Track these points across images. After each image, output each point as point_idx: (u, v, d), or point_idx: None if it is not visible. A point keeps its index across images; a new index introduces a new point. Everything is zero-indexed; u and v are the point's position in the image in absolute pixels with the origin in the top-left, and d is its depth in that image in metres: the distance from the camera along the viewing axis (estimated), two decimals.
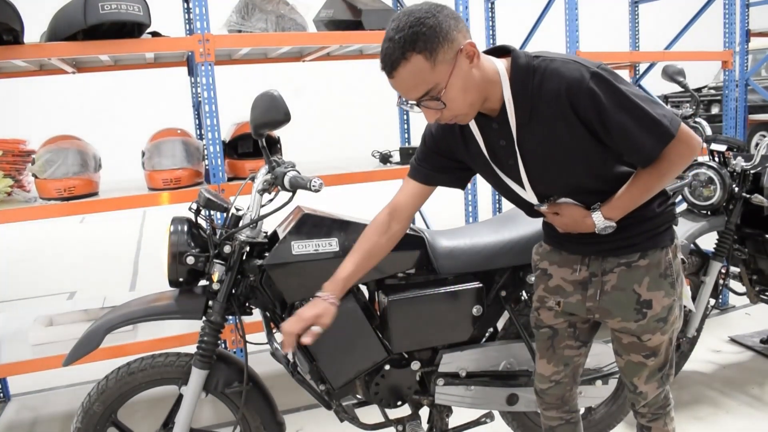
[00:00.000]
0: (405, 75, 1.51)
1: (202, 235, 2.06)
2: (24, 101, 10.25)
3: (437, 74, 1.50)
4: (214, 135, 2.97)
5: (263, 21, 3.19)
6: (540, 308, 1.95)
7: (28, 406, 3.45)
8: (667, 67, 3.12)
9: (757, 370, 3.38)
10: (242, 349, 2.11)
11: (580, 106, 1.54)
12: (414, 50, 1.47)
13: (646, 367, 1.82)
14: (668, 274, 1.75)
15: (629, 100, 1.53)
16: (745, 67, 4.72)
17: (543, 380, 2.01)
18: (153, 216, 8.84)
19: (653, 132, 1.55)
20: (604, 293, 1.78)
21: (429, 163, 1.86)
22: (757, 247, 3.17)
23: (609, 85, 1.53)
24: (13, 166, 2.97)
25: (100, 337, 2.01)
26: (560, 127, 1.58)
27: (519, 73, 1.59)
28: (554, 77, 1.55)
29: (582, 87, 1.52)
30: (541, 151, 1.64)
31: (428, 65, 1.49)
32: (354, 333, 2.12)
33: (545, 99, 1.57)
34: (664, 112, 1.57)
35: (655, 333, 1.77)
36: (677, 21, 5.32)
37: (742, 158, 3.03)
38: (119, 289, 5.65)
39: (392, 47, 1.49)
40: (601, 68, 1.54)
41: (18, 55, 2.69)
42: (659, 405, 1.90)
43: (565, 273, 1.86)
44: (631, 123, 1.54)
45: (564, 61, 1.57)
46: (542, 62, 1.58)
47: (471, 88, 1.55)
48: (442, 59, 1.49)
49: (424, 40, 1.47)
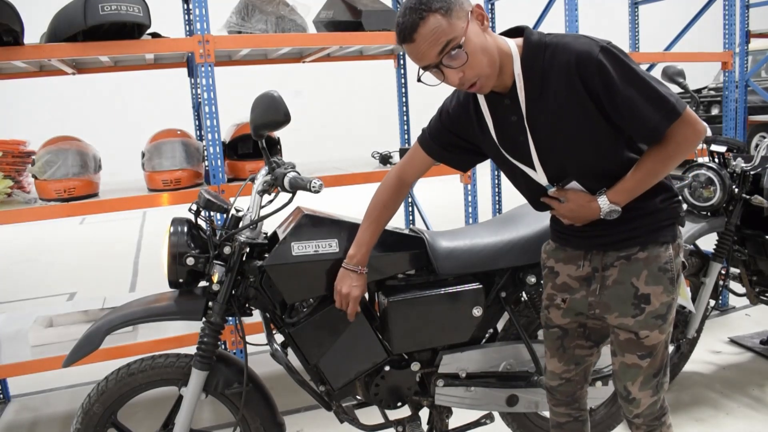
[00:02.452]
0: (424, 33, 1.56)
1: (202, 236, 2.06)
2: (24, 102, 10.27)
3: (454, 28, 1.57)
4: (214, 136, 2.97)
5: (263, 22, 3.19)
6: (549, 306, 1.96)
7: (28, 407, 3.45)
8: (667, 68, 3.12)
9: (757, 372, 3.38)
10: (242, 350, 2.11)
11: (588, 78, 1.58)
12: (430, 10, 1.55)
13: (640, 370, 1.80)
14: (668, 269, 1.74)
15: (637, 75, 1.58)
16: (745, 68, 4.73)
17: (554, 377, 2.01)
18: (153, 217, 8.86)
19: (660, 108, 1.58)
20: (604, 288, 1.79)
21: (441, 139, 1.93)
22: (757, 248, 3.17)
23: (618, 60, 1.57)
24: (13, 167, 2.98)
25: (100, 338, 2.00)
26: (570, 102, 1.62)
27: (531, 49, 1.65)
28: (565, 50, 1.61)
29: (591, 59, 1.57)
30: (551, 126, 1.67)
31: (445, 21, 1.56)
32: (354, 334, 2.12)
33: (555, 71, 1.62)
34: (671, 93, 1.60)
35: (653, 330, 1.76)
36: (677, 22, 5.33)
37: (742, 159, 3.03)
38: (119, 290, 5.65)
39: (409, 13, 1.57)
40: (612, 45, 1.59)
41: (18, 56, 2.69)
42: (654, 416, 1.86)
43: (570, 270, 1.87)
44: (638, 97, 1.57)
45: (575, 36, 1.64)
46: (554, 38, 1.65)
47: (487, 49, 1.61)
48: (456, 16, 1.57)
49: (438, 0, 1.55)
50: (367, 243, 2.00)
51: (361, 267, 1.99)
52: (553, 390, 2.04)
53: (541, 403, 2.34)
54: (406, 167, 2.02)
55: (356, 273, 1.99)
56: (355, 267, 1.99)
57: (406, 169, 2.02)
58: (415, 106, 4.29)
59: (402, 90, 4.29)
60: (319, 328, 2.10)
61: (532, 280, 2.29)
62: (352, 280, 1.98)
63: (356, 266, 1.99)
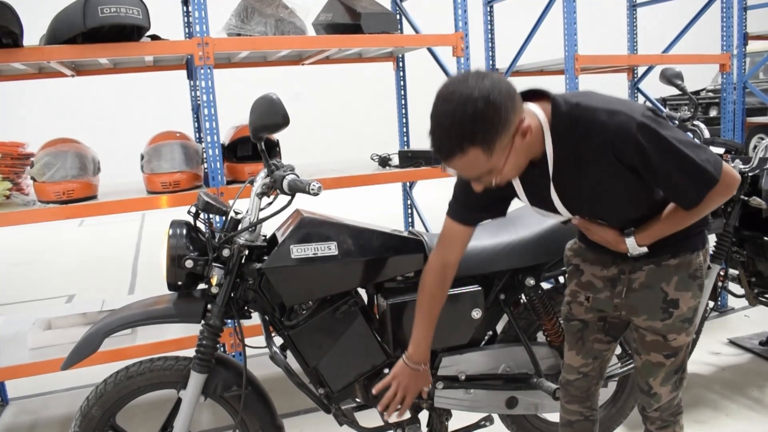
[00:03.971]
0: (460, 164, 1.51)
1: (201, 238, 2.06)
2: (23, 104, 10.26)
3: (494, 161, 1.50)
4: (213, 138, 2.97)
5: (262, 24, 3.19)
6: (571, 302, 1.97)
7: (26, 410, 3.44)
8: (666, 70, 3.13)
9: (756, 373, 3.38)
10: (241, 352, 2.10)
11: (626, 156, 1.56)
12: (472, 144, 1.45)
13: (663, 368, 1.83)
14: (698, 276, 1.77)
15: (675, 148, 1.54)
16: (743, 70, 4.74)
17: (571, 371, 2.02)
18: (152, 219, 8.84)
19: (698, 179, 1.57)
20: (631, 290, 1.80)
21: (470, 204, 1.85)
22: (755, 250, 3.17)
23: (655, 135, 1.53)
24: (11, 169, 2.97)
25: (98, 340, 2.00)
26: (605, 174, 1.61)
27: (561, 124, 1.59)
28: (602, 131, 1.55)
29: (630, 140, 1.53)
30: (581, 193, 1.68)
31: (485, 156, 1.48)
32: (353, 336, 2.12)
33: (591, 149, 1.58)
34: (708, 157, 1.58)
35: (680, 333, 1.78)
36: (675, 24, 5.33)
37: (740, 161, 3.03)
38: (118, 292, 5.64)
39: (447, 137, 1.46)
40: (647, 116, 1.54)
41: (17, 58, 2.69)
42: (671, 411, 1.89)
43: (596, 269, 1.88)
44: (676, 171, 1.56)
45: (609, 111, 1.55)
46: (585, 112, 1.57)
47: (521, 157, 1.57)
48: (499, 147, 1.48)
49: (483, 133, 1.44)
50: (425, 339, 1.98)
51: (423, 365, 2.00)
52: (569, 385, 2.04)
53: (541, 405, 2.34)
54: (445, 248, 1.94)
55: (418, 371, 1.99)
56: (416, 366, 1.99)
57: (446, 249, 1.94)
58: (414, 108, 4.28)
59: (401, 92, 4.29)
60: (318, 330, 2.10)
61: (531, 282, 2.29)
62: (417, 378, 2.00)
63: (417, 365, 1.99)
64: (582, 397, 2.05)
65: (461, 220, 1.88)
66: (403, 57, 4.25)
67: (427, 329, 1.98)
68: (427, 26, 3.92)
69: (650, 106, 1.65)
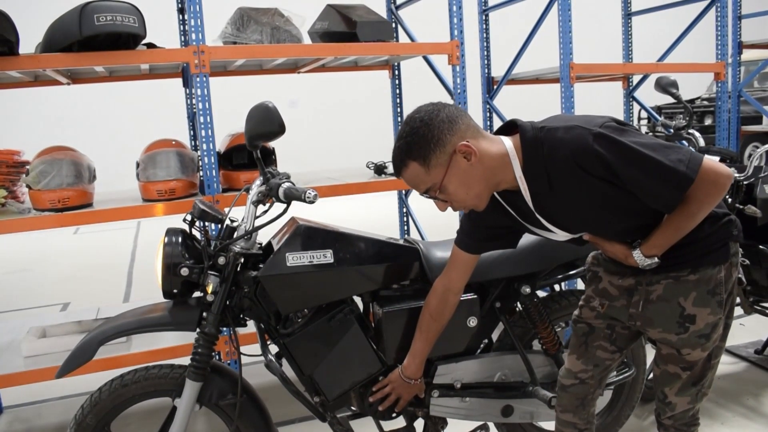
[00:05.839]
0: (407, 177, 1.71)
1: (196, 246, 2.06)
2: (18, 112, 10.24)
3: (432, 176, 1.67)
4: (209, 146, 2.97)
5: (258, 33, 3.20)
6: (584, 306, 1.98)
7: (20, 418, 3.42)
8: (660, 79, 3.14)
9: (751, 381, 3.38)
10: (236, 360, 2.09)
11: (590, 167, 1.57)
12: (410, 158, 1.67)
13: (679, 379, 1.82)
14: (717, 292, 1.73)
15: (636, 153, 1.54)
16: (738, 78, 4.76)
17: (569, 376, 2.01)
18: (147, 227, 8.82)
19: (669, 181, 1.55)
20: (648, 302, 1.79)
21: (477, 234, 1.95)
22: (750, 258, 3.18)
23: (613, 142, 1.55)
24: (6, 177, 2.97)
25: (93, 348, 1.99)
26: (582, 189, 1.62)
27: (528, 147, 1.66)
28: (560, 146, 1.60)
29: (587, 151, 1.55)
30: (566, 212, 1.72)
31: (423, 170, 1.67)
32: (349, 345, 2.12)
33: (558, 167, 1.61)
34: (681, 157, 1.56)
35: (696, 348, 1.76)
36: (670, 33, 5.36)
37: (735, 169, 3.04)
38: (113, 300, 5.62)
39: (396, 153, 1.71)
40: (604, 126, 1.57)
41: (13, 66, 2.69)
42: (685, 421, 1.88)
43: (614, 278, 1.89)
44: (642, 176, 1.55)
45: (566, 127, 1.60)
46: (548, 133, 1.63)
47: (472, 182, 1.68)
48: (435, 163, 1.65)
49: (417, 148, 1.65)
50: (421, 354, 2.11)
51: (415, 379, 2.14)
52: (565, 390, 2.03)
53: (536, 413, 2.34)
54: (451, 274, 2.03)
55: (410, 384, 2.14)
56: (408, 379, 2.13)
57: (451, 276, 2.03)
58: None
59: (397, 100, 4.30)
60: (313, 338, 2.10)
61: (526, 291, 2.29)
62: (410, 387, 2.16)
63: (409, 378, 2.13)
64: (576, 405, 2.02)
65: (466, 248, 1.98)
66: (398, 65, 4.26)
67: (424, 346, 2.11)
68: (423, 35, 3.94)
69: (615, 117, 1.65)
